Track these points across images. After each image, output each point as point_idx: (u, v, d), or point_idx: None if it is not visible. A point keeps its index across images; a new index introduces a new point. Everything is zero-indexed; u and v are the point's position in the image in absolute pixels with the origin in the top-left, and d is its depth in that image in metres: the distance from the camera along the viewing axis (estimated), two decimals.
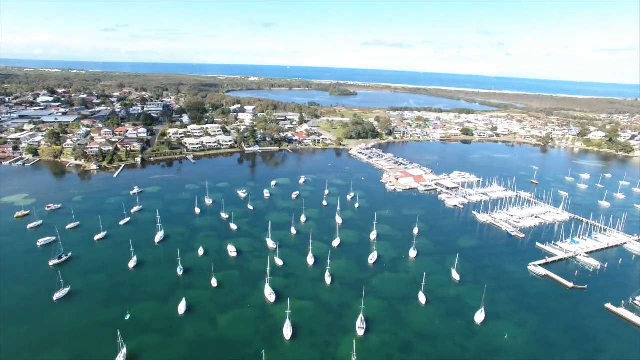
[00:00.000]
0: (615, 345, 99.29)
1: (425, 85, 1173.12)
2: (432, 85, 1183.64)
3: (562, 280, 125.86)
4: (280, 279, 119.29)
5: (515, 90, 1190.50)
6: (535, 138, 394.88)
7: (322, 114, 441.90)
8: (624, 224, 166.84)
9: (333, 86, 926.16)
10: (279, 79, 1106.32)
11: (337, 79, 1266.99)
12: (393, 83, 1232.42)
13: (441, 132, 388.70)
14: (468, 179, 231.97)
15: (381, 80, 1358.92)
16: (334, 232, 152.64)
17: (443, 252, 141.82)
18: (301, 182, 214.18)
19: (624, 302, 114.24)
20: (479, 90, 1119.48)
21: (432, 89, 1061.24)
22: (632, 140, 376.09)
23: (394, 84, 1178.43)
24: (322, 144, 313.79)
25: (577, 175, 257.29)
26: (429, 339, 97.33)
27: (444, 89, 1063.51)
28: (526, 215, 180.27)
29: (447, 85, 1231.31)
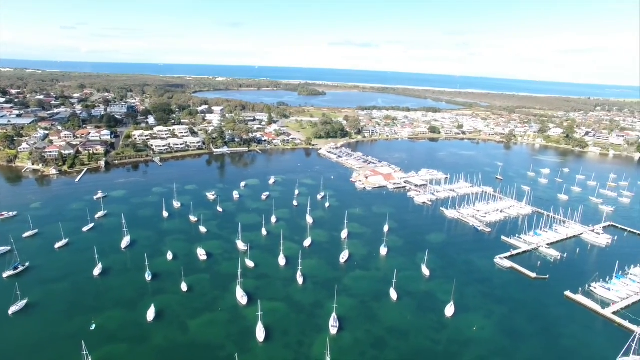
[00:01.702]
0: (574, 329, 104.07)
1: (393, 85, 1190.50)
2: (400, 85, 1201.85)
3: (526, 271, 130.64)
4: (252, 281, 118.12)
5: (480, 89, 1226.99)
6: (499, 135, 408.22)
7: (291, 114, 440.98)
8: (581, 216, 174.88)
9: (302, 86, 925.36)
10: (247, 79, 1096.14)
11: (305, 78, 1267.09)
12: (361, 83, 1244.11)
13: (409, 131, 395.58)
14: (436, 176, 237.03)
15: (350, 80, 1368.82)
16: (305, 232, 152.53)
17: (413, 248, 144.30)
18: (271, 182, 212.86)
19: (581, 289, 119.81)
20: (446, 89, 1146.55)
21: (400, 88, 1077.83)
22: (586, 137, 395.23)
23: (362, 84, 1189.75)
24: (291, 144, 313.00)
25: (538, 170, 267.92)
26: (401, 334, 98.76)
27: (411, 88, 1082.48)
28: (492, 210, 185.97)
29: (415, 85, 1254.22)
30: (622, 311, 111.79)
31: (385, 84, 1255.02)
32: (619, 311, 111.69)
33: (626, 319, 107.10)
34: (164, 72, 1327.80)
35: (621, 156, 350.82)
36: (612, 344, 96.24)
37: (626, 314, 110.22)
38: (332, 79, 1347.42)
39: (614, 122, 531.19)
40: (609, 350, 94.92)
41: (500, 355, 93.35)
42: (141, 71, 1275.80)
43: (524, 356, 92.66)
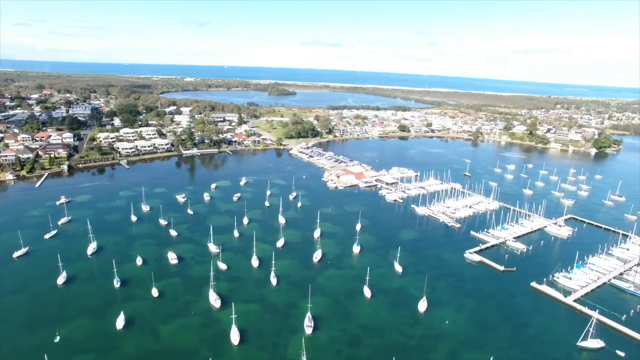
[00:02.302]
0: (539, 318, 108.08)
1: (363, 84, 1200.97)
2: (369, 84, 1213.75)
3: (494, 264, 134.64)
4: (225, 284, 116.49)
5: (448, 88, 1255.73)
6: (466, 133, 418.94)
7: (262, 114, 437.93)
8: (544, 209, 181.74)
9: (272, 86, 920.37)
10: (216, 79, 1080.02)
11: (275, 78, 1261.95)
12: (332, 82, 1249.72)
13: (379, 130, 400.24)
14: (406, 174, 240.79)
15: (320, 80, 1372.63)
16: (277, 233, 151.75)
17: (385, 245, 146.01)
18: (242, 183, 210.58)
19: (545, 280, 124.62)
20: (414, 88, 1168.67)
21: (370, 87, 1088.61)
22: (548, 133, 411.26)
23: (332, 83, 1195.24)
24: (262, 144, 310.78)
25: (504, 167, 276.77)
26: (375, 331, 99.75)
27: (381, 88, 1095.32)
28: (461, 206, 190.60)
29: (384, 84, 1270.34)
30: (582, 298, 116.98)
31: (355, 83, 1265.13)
32: (580, 299, 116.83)
33: (585, 305, 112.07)
34: (129, 72, 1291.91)
35: (579, 152, 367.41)
36: (574, 329, 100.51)
37: (586, 301, 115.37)
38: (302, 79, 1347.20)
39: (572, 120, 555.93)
40: (571, 336, 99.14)
41: (472, 346, 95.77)
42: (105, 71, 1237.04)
43: (493, 346, 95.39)
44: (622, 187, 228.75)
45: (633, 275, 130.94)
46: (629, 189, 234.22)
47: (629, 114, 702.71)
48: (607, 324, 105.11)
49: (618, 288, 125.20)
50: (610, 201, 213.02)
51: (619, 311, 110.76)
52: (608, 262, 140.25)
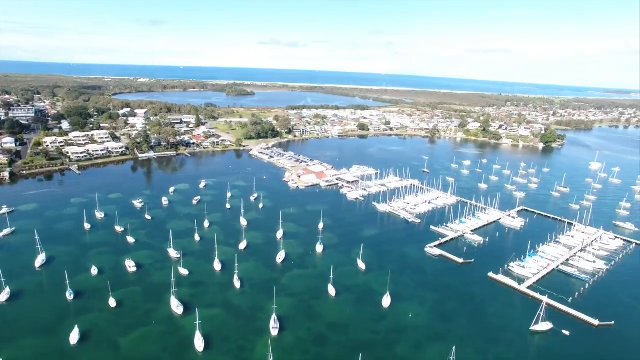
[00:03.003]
0: (497, 307, 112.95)
1: (321, 84, 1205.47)
2: (328, 84, 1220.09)
3: (454, 257, 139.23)
4: (187, 289, 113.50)
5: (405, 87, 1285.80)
6: (424, 130, 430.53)
7: (220, 115, 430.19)
8: (499, 202, 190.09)
9: (230, 86, 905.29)
10: (172, 80, 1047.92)
11: (233, 79, 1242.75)
12: (290, 82, 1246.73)
13: (339, 129, 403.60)
14: (367, 172, 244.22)
15: (278, 80, 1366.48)
16: (239, 235, 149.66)
17: (348, 243, 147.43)
18: (202, 186, 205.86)
19: (501, 269, 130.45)
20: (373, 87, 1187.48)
21: (328, 87, 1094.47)
22: (500, 130, 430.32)
23: (291, 83, 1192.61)
24: (221, 145, 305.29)
25: (461, 162, 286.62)
26: (341, 328, 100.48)
27: (339, 87, 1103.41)
28: (420, 201, 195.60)
29: (343, 83, 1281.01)
30: (535, 285, 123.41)
31: (313, 83, 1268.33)
32: (532, 285, 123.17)
33: (537, 291, 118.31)
34: (78, 72, 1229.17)
35: (529, 146, 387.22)
36: (528, 315, 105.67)
37: (537, 287, 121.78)
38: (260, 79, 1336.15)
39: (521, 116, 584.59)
40: (525, 321, 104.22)
41: (435, 337, 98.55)
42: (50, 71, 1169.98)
43: (455, 336, 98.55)
44: (566, 179, 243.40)
45: (577, 260, 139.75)
46: (572, 180, 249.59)
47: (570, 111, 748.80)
48: (556, 307, 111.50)
49: (565, 273, 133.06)
50: (556, 192, 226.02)
51: (566, 294, 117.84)
52: (556, 249, 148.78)
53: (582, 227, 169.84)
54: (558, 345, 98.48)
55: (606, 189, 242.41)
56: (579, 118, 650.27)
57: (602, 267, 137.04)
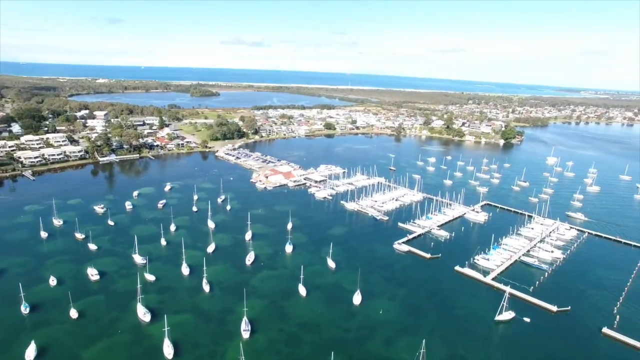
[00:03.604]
0: (464, 299, 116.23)
1: (287, 84, 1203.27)
2: (294, 84, 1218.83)
3: (422, 252, 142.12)
4: (154, 296, 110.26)
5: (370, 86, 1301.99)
6: (389, 129, 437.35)
7: (184, 116, 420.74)
8: (463, 198, 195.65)
9: (194, 87, 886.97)
10: (133, 80, 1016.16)
11: (197, 79, 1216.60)
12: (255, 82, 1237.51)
13: (306, 128, 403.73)
14: (334, 171, 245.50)
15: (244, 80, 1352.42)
16: (207, 238, 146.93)
17: (317, 243, 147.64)
18: (167, 189, 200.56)
19: (467, 263, 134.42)
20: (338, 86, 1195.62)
21: (294, 86, 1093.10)
22: (463, 127, 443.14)
23: (256, 83, 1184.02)
24: (186, 147, 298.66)
25: (426, 159, 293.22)
26: (313, 328, 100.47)
27: (305, 87, 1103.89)
28: (388, 199, 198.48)
29: (308, 83, 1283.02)
30: (499, 276, 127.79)
31: (279, 82, 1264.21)
32: (496, 277, 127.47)
33: (501, 282, 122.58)
34: (28, 72, 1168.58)
35: (490, 143, 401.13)
36: (493, 305, 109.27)
37: (501, 278, 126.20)
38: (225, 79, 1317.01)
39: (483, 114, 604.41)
40: (490, 312, 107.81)
41: (405, 332, 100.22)
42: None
43: (425, 330, 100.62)
44: (526, 174, 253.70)
45: (537, 251, 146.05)
46: (531, 174, 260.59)
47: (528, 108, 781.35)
48: (518, 297, 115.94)
49: (526, 264, 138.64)
50: (517, 186, 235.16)
51: (527, 284, 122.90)
52: (518, 241, 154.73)
53: (541, 219, 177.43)
54: (520, 333, 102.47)
55: (561, 182, 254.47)
56: (535, 115, 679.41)
57: (560, 257, 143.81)
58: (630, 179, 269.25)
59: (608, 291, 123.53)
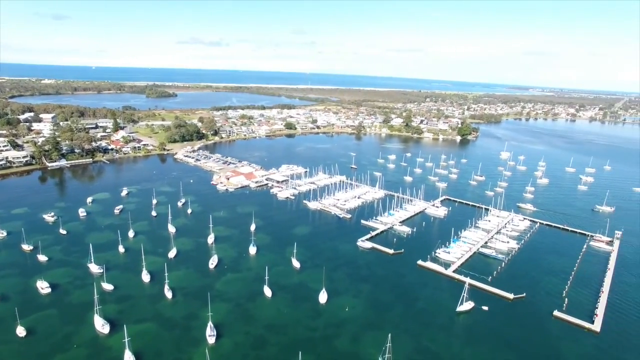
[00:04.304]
0: (427, 292, 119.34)
1: (246, 84, 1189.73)
2: (253, 84, 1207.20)
3: (385, 249, 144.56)
4: (113, 305, 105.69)
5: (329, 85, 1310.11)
6: (350, 127, 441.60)
7: (140, 118, 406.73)
8: (423, 193, 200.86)
9: (149, 88, 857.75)
10: (84, 81, 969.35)
11: (153, 80, 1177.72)
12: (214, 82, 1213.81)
13: (266, 128, 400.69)
14: (296, 170, 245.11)
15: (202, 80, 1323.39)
16: (168, 243, 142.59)
17: (281, 243, 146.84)
18: (123, 194, 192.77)
19: (429, 257, 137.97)
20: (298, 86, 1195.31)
21: (254, 86, 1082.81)
22: (421, 124, 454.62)
23: (215, 84, 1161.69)
24: (143, 150, 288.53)
25: (386, 157, 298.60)
26: (279, 329, 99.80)
27: (265, 87, 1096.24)
28: (350, 197, 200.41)
29: (268, 83, 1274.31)
30: (459, 268, 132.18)
31: (238, 83, 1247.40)
32: (457, 269, 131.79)
33: (462, 274, 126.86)
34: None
35: (448, 139, 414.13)
36: (454, 297, 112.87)
37: (462, 270, 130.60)
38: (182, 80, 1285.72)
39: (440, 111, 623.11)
40: (452, 303, 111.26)
41: (371, 328, 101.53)
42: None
43: (390, 324, 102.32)
44: (482, 168, 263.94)
45: (494, 242, 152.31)
46: (486, 169, 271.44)
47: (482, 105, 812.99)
48: (478, 287, 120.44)
49: (484, 255, 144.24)
50: (474, 181, 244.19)
51: (486, 274, 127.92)
52: (476, 234, 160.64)
53: (497, 211, 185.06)
54: (480, 321, 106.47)
55: (514, 175, 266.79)
56: (489, 112, 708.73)
57: (515, 247, 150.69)
58: (574, 171, 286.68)
59: (558, 276, 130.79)
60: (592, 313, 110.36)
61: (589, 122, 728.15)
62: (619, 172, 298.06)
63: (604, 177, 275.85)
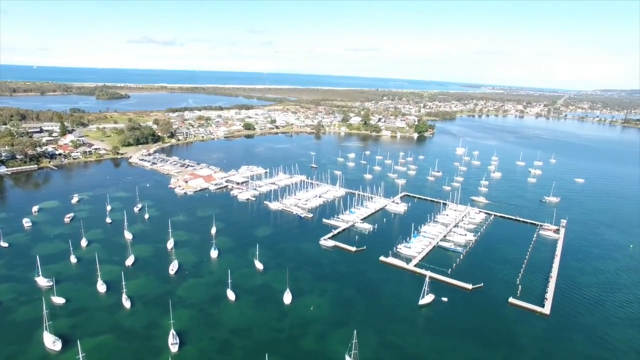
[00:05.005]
0: (390, 287, 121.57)
1: (203, 84, 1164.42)
2: (209, 84, 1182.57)
3: (347, 246, 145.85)
4: (65, 320, 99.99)
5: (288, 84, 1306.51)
6: (309, 127, 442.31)
7: (91, 121, 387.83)
8: (383, 190, 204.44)
9: (99, 89, 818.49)
10: (24, 82, 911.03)
11: (103, 80, 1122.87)
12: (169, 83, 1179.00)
13: (224, 130, 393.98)
14: (256, 171, 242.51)
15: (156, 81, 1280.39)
16: (125, 250, 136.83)
17: (243, 245, 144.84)
18: (74, 201, 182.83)
19: (391, 252, 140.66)
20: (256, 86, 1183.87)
21: (210, 87, 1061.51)
22: (379, 122, 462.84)
23: (170, 84, 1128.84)
24: (95, 155, 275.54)
25: (346, 156, 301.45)
26: (244, 332, 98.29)
27: (222, 87, 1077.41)
28: (311, 196, 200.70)
29: (225, 83, 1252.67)
30: (420, 262, 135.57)
31: (194, 83, 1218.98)
32: (418, 263, 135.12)
33: (422, 268, 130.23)
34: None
35: (405, 137, 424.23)
36: (416, 290, 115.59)
37: (422, 264, 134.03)
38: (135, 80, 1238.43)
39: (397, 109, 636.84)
40: (414, 297, 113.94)
41: (337, 325, 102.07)
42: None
43: (355, 321, 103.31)
44: (438, 164, 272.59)
45: (452, 235, 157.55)
46: (443, 164, 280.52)
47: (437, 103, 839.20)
48: (438, 279, 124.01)
49: (443, 248, 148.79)
50: (431, 177, 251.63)
51: (445, 267, 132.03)
52: (435, 228, 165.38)
53: (454, 205, 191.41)
54: (441, 313, 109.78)
55: (470, 170, 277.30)
56: (444, 109, 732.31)
57: (472, 239, 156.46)
58: (524, 164, 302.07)
59: (512, 265, 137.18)
60: (542, 297, 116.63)
61: (535, 118, 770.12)
62: (563, 164, 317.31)
63: (550, 170, 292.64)
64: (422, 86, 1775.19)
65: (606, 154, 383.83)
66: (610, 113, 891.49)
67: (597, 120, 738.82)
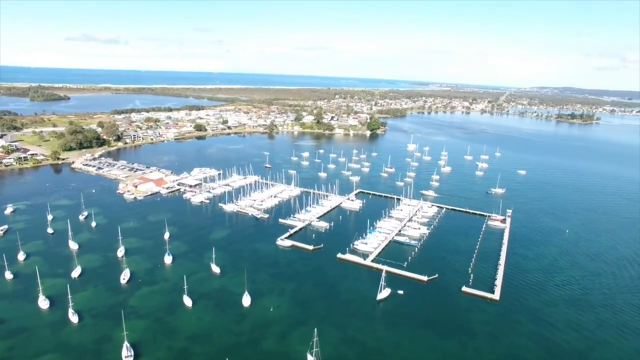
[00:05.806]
0: (348, 284, 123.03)
1: (150, 85, 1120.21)
2: (157, 84, 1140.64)
3: (304, 245, 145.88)
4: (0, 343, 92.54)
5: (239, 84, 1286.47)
6: (262, 127, 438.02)
7: (25, 124, 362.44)
8: (338, 188, 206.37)
9: (34, 90, 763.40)
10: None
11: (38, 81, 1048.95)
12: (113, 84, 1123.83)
13: (175, 131, 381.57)
14: (209, 173, 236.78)
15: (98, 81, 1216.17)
16: (70, 262, 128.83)
17: (198, 249, 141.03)
18: (8, 212, 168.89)
19: (348, 249, 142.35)
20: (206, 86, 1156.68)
21: (158, 87, 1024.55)
22: (332, 121, 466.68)
23: (114, 85, 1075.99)
24: (31, 161, 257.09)
25: (300, 155, 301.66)
26: (203, 338, 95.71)
27: (170, 87, 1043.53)
28: (266, 197, 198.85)
29: (174, 84, 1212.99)
30: (377, 258, 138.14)
31: (141, 84, 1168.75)
32: (375, 258, 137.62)
33: (379, 263, 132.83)
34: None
35: (358, 134, 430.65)
36: (374, 286, 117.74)
37: (379, 259, 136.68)
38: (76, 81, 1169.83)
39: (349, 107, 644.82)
40: (372, 292, 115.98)
41: (297, 325, 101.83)
42: None
43: (315, 319, 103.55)
44: (391, 160, 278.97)
45: (407, 229, 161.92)
46: (396, 161, 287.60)
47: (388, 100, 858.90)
48: (395, 273, 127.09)
49: (399, 242, 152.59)
50: (385, 173, 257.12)
51: (401, 260, 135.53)
52: (390, 223, 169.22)
53: (408, 200, 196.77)
54: (399, 305, 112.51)
55: (421, 165, 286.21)
56: (395, 107, 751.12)
57: (425, 232, 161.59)
58: (471, 159, 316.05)
59: (464, 255, 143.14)
60: (492, 284, 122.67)
61: (480, 114, 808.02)
62: (507, 157, 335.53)
63: (496, 163, 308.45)
64: (373, 84, 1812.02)
65: (544, 147, 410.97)
66: (546, 108, 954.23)
67: (535, 116, 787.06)
